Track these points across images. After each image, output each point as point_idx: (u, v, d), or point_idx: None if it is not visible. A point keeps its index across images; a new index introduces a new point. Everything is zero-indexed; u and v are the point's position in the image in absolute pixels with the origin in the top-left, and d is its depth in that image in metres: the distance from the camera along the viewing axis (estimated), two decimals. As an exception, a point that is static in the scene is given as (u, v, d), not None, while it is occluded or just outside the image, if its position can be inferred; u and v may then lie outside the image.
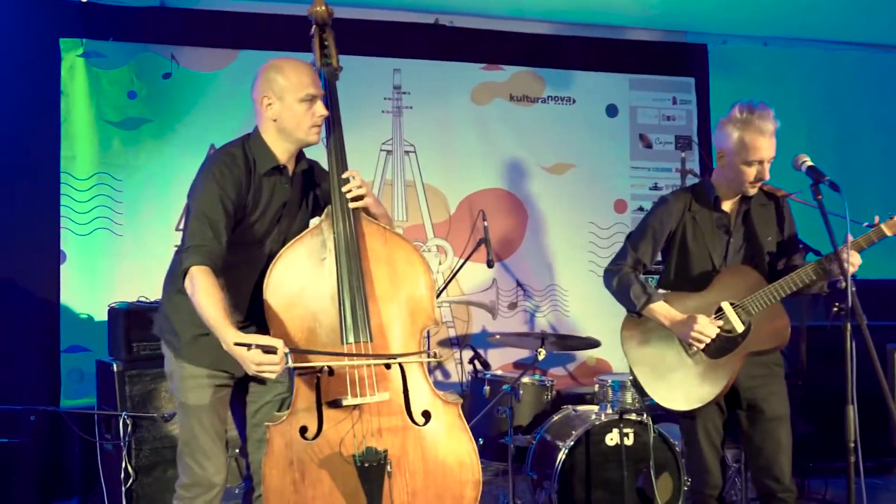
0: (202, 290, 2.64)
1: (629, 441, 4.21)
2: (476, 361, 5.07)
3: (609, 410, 4.31)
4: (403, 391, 2.88)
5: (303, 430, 2.81)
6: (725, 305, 3.19)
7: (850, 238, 3.04)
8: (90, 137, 5.23)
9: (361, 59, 5.48)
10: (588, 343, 4.82)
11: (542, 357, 4.36)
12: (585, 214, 6.15)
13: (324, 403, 2.82)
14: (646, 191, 6.25)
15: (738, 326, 3.17)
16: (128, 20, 5.27)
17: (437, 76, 5.88)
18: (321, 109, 2.91)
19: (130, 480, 4.13)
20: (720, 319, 3.18)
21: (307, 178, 3.08)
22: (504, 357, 5.81)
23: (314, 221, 3.02)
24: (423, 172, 5.87)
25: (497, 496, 4.76)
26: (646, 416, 4.19)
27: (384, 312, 2.90)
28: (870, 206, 3.19)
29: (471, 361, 5.11)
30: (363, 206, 2.96)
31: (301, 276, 2.87)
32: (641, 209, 6.13)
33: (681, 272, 3.33)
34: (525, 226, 6.05)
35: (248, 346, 2.54)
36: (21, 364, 5.04)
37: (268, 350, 2.55)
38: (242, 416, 3.06)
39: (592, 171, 6.16)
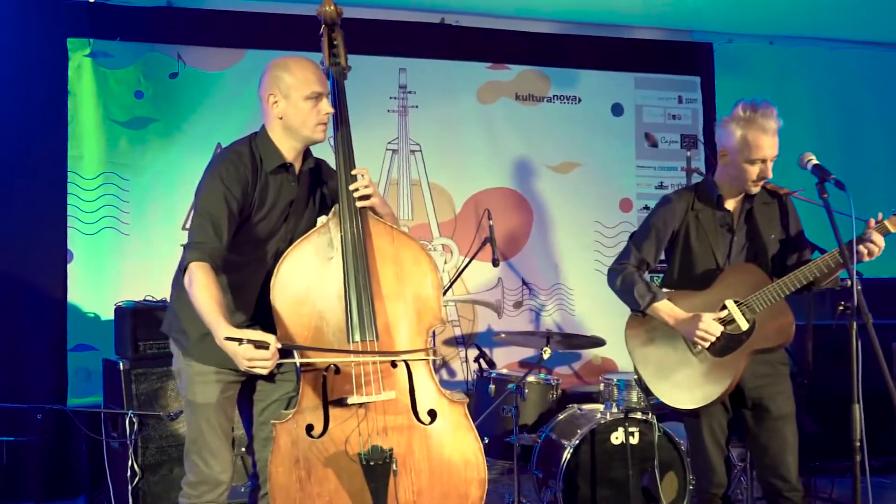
0: (199, 285, 2.64)
1: (634, 440, 4.21)
2: (481, 360, 5.07)
3: (614, 409, 4.31)
4: (409, 390, 2.87)
5: (309, 429, 2.80)
6: (730, 304, 3.18)
7: (873, 222, 3.04)
8: (97, 137, 5.24)
9: (367, 59, 5.47)
10: (593, 342, 4.83)
11: (548, 356, 4.36)
12: (591, 213, 6.15)
13: (330, 402, 2.82)
14: (651, 190, 6.24)
15: (743, 324, 3.16)
16: (135, 20, 5.28)
17: (443, 75, 5.88)
18: (326, 107, 2.92)
19: (137, 478, 4.15)
20: (724, 317, 3.18)
21: (314, 177, 3.09)
22: (509, 356, 5.81)
23: (321, 220, 3.02)
24: (429, 171, 5.87)
25: (502, 495, 4.76)
26: (651, 415, 4.19)
27: (390, 311, 2.90)
28: (875, 204, 3.18)
29: (476, 360, 5.12)
30: (369, 206, 2.97)
31: (308, 275, 2.87)
32: (647, 208, 6.11)
33: (684, 271, 3.33)
34: (530, 225, 6.04)
35: (240, 341, 2.52)
36: (28, 362, 5.06)
37: (259, 345, 2.53)
38: (249, 415, 3.06)
39: (598, 170, 6.16)
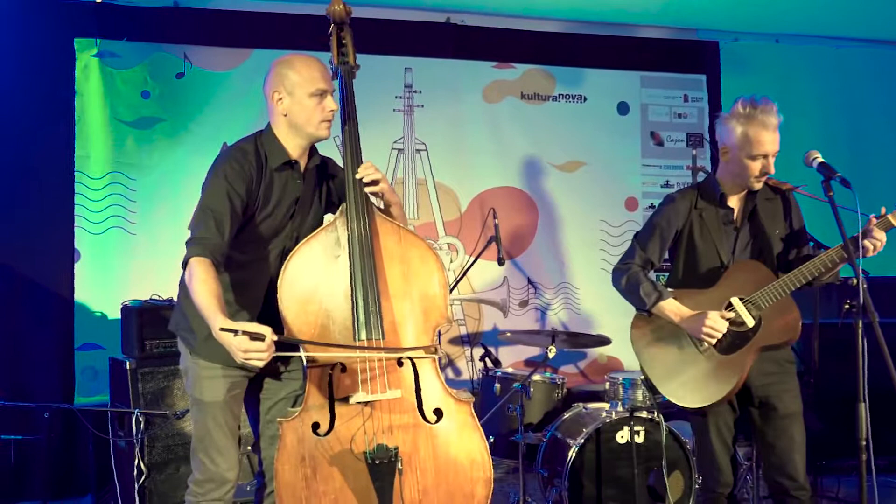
0: (197, 279, 2.64)
1: (640, 439, 4.21)
2: (487, 359, 5.08)
3: (620, 408, 4.31)
4: (415, 388, 2.87)
5: (315, 427, 2.81)
6: (735, 301, 3.17)
7: (874, 218, 3.04)
8: (104, 137, 5.25)
9: (373, 58, 5.44)
10: (599, 340, 4.83)
11: (553, 355, 4.37)
12: (597, 212, 6.14)
13: (336, 400, 2.82)
14: (657, 188, 6.23)
15: (749, 321, 3.16)
16: (141, 20, 5.29)
17: (449, 74, 5.88)
18: (331, 104, 2.92)
19: (143, 477, 4.17)
20: (731, 315, 3.17)
21: (320, 174, 3.09)
22: (515, 355, 5.81)
23: (328, 218, 3.02)
24: (435, 170, 5.87)
25: (508, 494, 4.76)
26: (657, 414, 4.18)
27: (397, 310, 2.90)
28: (881, 201, 3.18)
29: (482, 359, 5.12)
30: (379, 192, 2.95)
31: (315, 274, 2.87)
32: (653, 206, 6.06)
33: (689, 270, 3.32)
34: (536, 223, 6.04)
35: (235, 332, 2.49)
36: (35, 361, 5.07)
37: (255, 337, 2.49)
38: (256, 413, 3.07)
39: (604, 169, 6.15)
